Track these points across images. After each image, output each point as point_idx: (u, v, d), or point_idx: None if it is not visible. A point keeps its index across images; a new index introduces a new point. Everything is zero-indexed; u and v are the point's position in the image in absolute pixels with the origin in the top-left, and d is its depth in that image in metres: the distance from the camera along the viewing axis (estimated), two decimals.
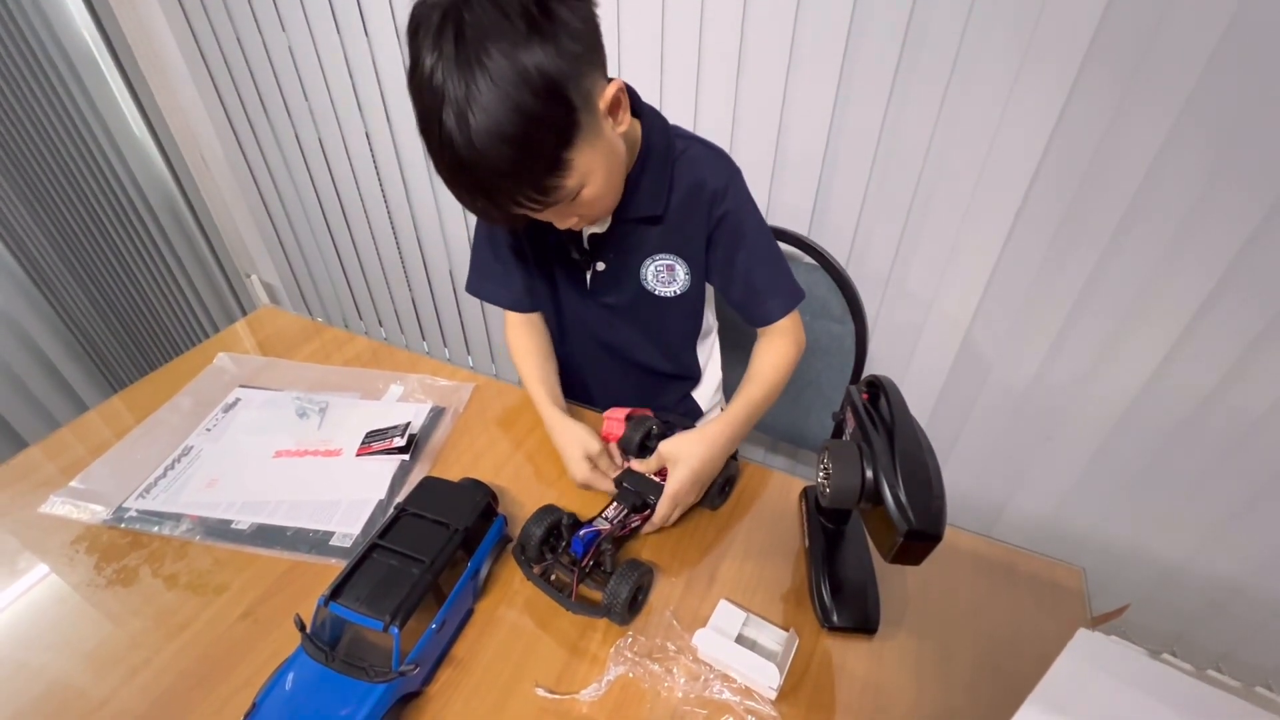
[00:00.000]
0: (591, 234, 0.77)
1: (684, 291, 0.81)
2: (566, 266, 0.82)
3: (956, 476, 1.22)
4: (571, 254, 0.79)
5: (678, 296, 0.82)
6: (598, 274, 0.80)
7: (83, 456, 0.78)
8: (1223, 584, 1.08)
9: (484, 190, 0.60)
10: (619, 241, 0.78)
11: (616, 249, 0.78)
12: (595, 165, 0.63)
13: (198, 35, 1.53)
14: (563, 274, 0.83)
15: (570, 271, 0.82)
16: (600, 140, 0.62)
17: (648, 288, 0.81)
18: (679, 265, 0.79)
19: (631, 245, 0.78)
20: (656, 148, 0.73)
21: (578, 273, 0.82)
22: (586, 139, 0.60)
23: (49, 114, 1.44)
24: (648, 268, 0.80)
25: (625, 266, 0.80)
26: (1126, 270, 0.93)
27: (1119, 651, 0.42)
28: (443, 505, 0.63)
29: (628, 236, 0.77)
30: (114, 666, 0.58)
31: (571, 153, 0.59)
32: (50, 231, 1.50)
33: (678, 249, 0.79)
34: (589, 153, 0.61)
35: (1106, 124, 0.85)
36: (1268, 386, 0.91)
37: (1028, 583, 0.67)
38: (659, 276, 0.80)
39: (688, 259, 0.79)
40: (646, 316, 0.84)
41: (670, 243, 0.78)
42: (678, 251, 0.79)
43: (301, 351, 0.97)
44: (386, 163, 1.49)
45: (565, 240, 0.78)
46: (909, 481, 0.48)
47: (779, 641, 0.59)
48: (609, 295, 0.82)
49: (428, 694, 0.56)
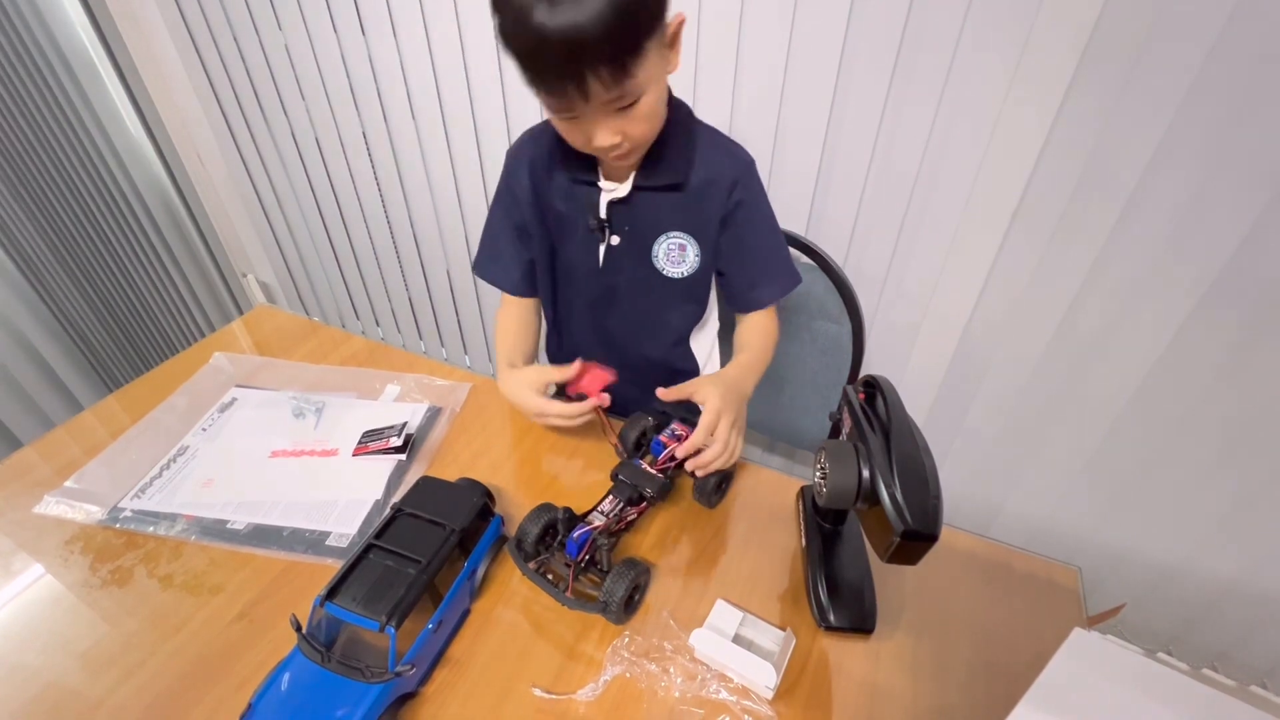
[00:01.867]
0: (611, 200, 0.78)
1: (691, 273, 0.82)
2: (581, 243, 0.82)
3: (953, 477, 1.22)
4: (589, 223, 0.79)
5: (684, 279, 0.83)
6: (612, 249, 0.81)
7: (78, 457, 0.78)
8: (1218, 584, 1.08)
9: (567, 48, 0.57)
10: (637, 212, 0.78)
11: (633, 221, 0.79)
12: (655, 78, 0.64)
13: (194, 34, 1.52)
14: (575, 253, 0.84)
15: (584, 248, 0.83)
16: (662, 60, 0.64)
17: (658, 266, 0.82)
18: (690, 245, 0.81)
19: (648, 219, 0.79)
20: (680, 120, 0.75)
21: (592, 249, 0.82)
22: (657, 47, 0.62)
23: (44, 112, 1.44)
24: (660, 246, 0.81)
25: (639, 242, 0.81)
26: (1122, 270, 0.93)
27: (1114, 651, 0.42)
28: (439, 505, 0.63)
29: (646, 207, 0.78)
30: (109, 667, 0.58)
31: (649, 45, 0.60)
32: (45, 230, 1.49)
33: (692, 228, 0.80)
34: (657, 62, 0.63)
35: (1103, 125, 0.85)
36: (1263, 387, 0.92)
37: (1024, 582, 0.67)
38: (670, 256, 0.81)
39: (700, 239, 0.80)
40: (653, 298, 0.85)
41: (685, 220, 0.79)
42: (691, 230, 0.80)
43: (298, 351, 0.97)
44: (383, 162, 1.49)
45: (585, 207, 0.79)
46: (905, 481, 0.48)
47: (776, 641, 0.59)
48: (620, 273, 0.83)
49: (424, 694, 0.56)
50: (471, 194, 1.43)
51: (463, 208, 1.46)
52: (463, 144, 1.35)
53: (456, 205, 1.46)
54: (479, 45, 1.21)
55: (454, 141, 1.37)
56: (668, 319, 0.87)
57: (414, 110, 1.36)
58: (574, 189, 0.79)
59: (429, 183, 1.46)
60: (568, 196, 0.80)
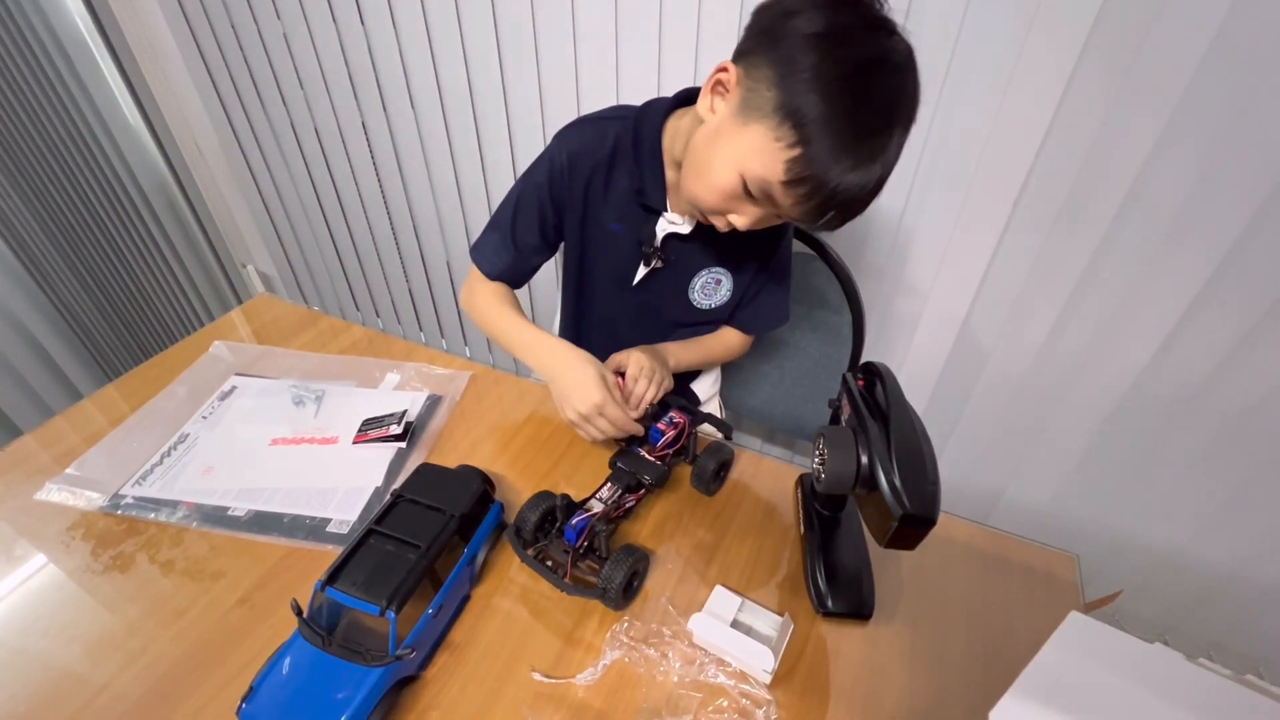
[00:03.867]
0: (669, 233, 0.77)
1: (720, 304, 0.84)
2: (622, 259, 0.81)
3: (952, 466, 1.23)
4: (642, 248, 0.78)
5: (713, 309, 0.85)
6: (653, 270, 0.80)
7: (78, 445, 0.78)
8: (1214, 573, 1.09)
9: (840, 203, 0.61)
10: (688, 246, 0.78)
11: (681, 254, 0.79)
12: None
13: (192, 22, 1.51)
14: (610, 265, 0.83)
15: (624, 264, 0.81)
16: None
17: (691, 299, 0.83)
18: (726, 280, 0.82)
19: (695, 253, 0.79)
20: None
21: (631, 267, 0.81)
22: None
23: (42, 102, 1.43)
24: (699, 279, 0.81)
25: (680, 273, 0.81)
26: (1122, 261, 0.93)
27: (1109, 634, 0.43)
28: (439, 491, 0.63)
29: (697, 242, 0.78)
30: (112, 652, 0.58)
31: None
32: (44, 220, 1.49)
33: (733, 265, 0.81)
34: None
35: (1103, 116, 0.85)
36: (1260, 377, 0.92)
37: (1021, 570, 0.67)
38: (705, 289, 0.82)
39: (736, 276, 0.82)
40: (677, 322, 0.87)
41: (729, 257, 0.80)
42: (731, 267, 0.81)
43: (298, 340, 0.97)
44: (383, 151, 1.49)
45: (639, 229, 0.78)
46: (904, 466, 0.48)
47: (774, 626, 0.59)
48: (650, 294, 0.83)
49: (424, 678, 0.56)
50: (471, 183, 1.42)
51: (462, 197, 1.45)
52: (462, 133, 1.35)
53: (456, 195, 1.45)
54: (478, 34, 1.20)
55: (453, 130, 1.36)
56: (685, 338, 0.89)
57: (413, 99, 1.36)
58: (631, 208, 0.77)
59: (428, 172, 1.46)
60: (623, 214, 0.77)
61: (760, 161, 0.59)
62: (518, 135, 1.29)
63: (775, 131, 0.57)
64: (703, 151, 0.64)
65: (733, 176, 0.61)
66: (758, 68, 0.58)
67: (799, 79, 0.55)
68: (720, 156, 0.62)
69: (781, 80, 0.56)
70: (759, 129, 0.58)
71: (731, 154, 0.61)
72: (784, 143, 0.57)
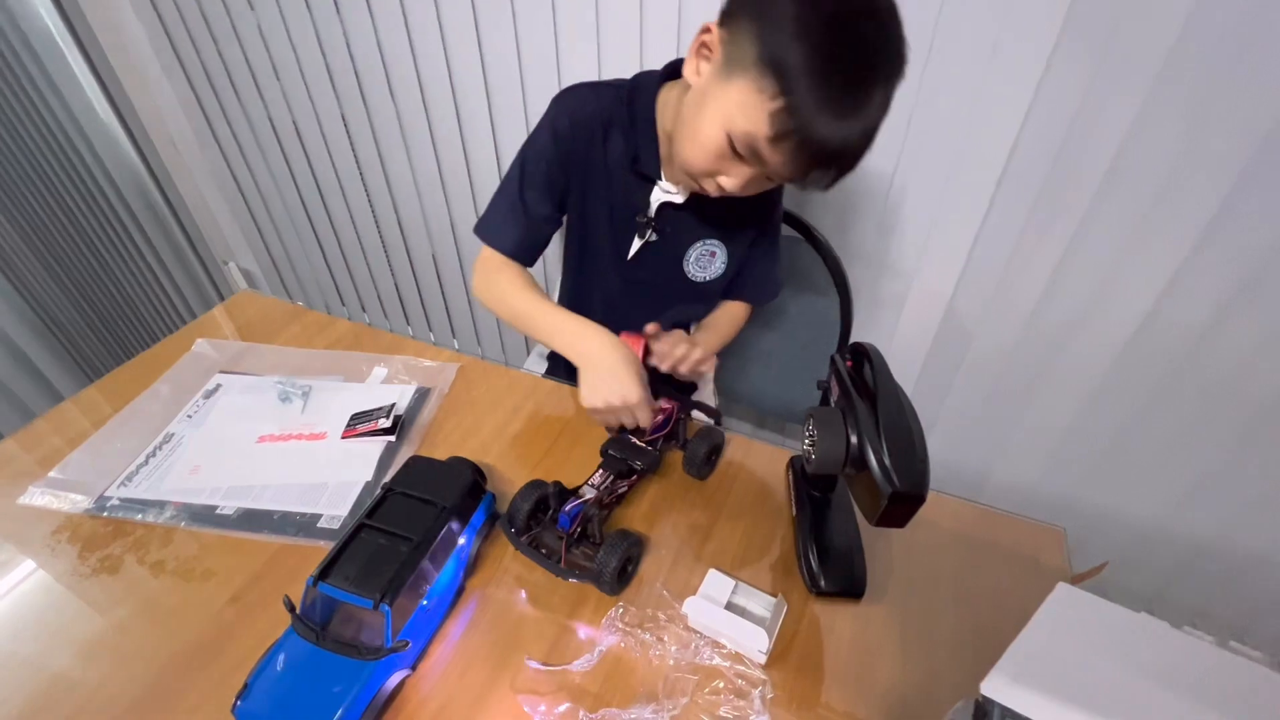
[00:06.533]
0: (664, 202, 0.77)
1: (715, 278, 0.83)
2: (613, 231, 0.81)
3: (940, 445, 1.24)
4: (636, 217, 0.78)
5: (707, 282, 0.84)
6: (647, 244, 0.80)
7: (60, 447, 0.77)
8: (1197, 543, 1.11)
9: (828, 157, 0.60)
10: (681, 216, 0.78)
11: (675, 224, 0.78)
12: None
13: (162, 14, 1.48)
14: (604, 239, 0.82)
15: (615, 237, 0.81)
16: None
17: (685, 270, 0.82)
18: (720, 251, 0.81)
19: (689, 224, 0.79)
20: None
21: (624, 240, 0.81)
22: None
23: (10, 101, 1.40)
24: (693, 251, 0.81)
25: (674, 244, 0.80)
26: (1104, 239, 0.94)
27: (1097, 604, 0.43)
28: (430, 484, 0.63)
29: (691, 212, 0.77)
30: (104, 655, 0.58)
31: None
32: (16, 220, 1.46)
33: (726, 236, 0.80)
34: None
35: (1083, 94, 0.85)
36: (1239, 351, 0.93)
37: (1010, 544, 0.68)
38: (700, 261, 0.82)
39: (730, 247, 0.81)
40: (672, 297, 0.86)
41: (722, 228, 0.79)
42: (725, 238, 0.80)
43: (282, 336, 0.95)
44: (363, 141, 1.47)
45: (634, 198, 0.77)
46: (892, 444, 0.49)
47: (768, 607, 0.60)
48: (644, 270, 0.82)
49: (419, 670, 0.56)
50: (454, 174, 1.41)
51: (445, 189, 1.44)
52: (444, 123, 1.33)
53: (439, 186, 1.44)
54: (459, 24, 1.18)
55: (434, 121, 1.34)
56: (680, 317, 0.89)
57: (393, 90, 1.34)
58: (627, 177, 0.76)
59: (410, 164, 1.44)
60: (618, 183, 0.76)
61: (745, 116, 0.58)
62: (499, 119, 1.28)
63: (758, 84, 0.57)
64: (691, 116, 0.64)
65: (719, 135, 0.61)
66: (739, 24, 0.58)
67: (780, 28, 0.55)
68: (706, 116, 0.62)
69: (763, 32, 0.56)
70: (742, 83, 0.58)
71: (717, 112, 0.61)
72: (767, 94, 0.57)
